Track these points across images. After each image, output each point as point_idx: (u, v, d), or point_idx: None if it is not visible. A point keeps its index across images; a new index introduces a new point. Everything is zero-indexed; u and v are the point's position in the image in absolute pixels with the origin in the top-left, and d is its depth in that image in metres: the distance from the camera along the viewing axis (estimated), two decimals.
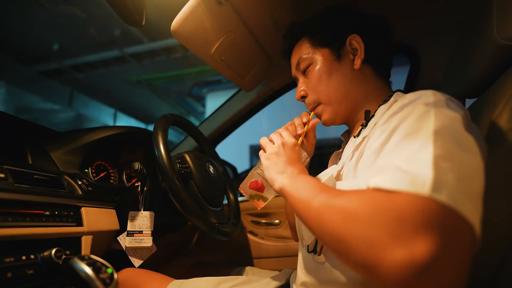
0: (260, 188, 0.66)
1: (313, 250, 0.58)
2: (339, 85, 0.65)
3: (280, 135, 0.63)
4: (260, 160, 0.63)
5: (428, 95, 0.44)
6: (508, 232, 0.39)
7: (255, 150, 6.74)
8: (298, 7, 0.88)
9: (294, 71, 0.73)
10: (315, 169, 0.83)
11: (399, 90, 0.64)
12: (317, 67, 0.67)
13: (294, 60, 0.72)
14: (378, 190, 0.36)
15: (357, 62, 0.64)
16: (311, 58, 0.68)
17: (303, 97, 0.71)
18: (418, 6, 0.90)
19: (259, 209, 0.67)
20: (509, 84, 0.47)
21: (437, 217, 0.32)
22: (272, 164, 0.58)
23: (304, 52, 0.69)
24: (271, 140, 0.63)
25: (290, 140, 0.61)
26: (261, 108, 1.33)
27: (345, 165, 0.58)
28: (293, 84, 1.24)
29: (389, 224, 0.32)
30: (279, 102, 1.33)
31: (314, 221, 0.41)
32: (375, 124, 0.55)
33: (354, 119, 0.67)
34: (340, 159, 0.68)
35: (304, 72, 0.70)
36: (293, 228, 0.84)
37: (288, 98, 1.36)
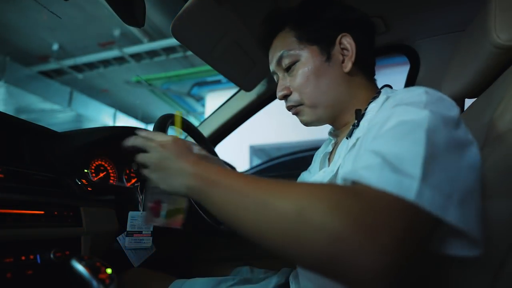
0: (160, 207, 0.55)
1: None
2: (328, 88, 0.60)
3: (151, 140, 0.52)
4: (148, 182, 0.52)
5: (420, 92, 0.43)
6: (509, 233, 0.39)
7: (255, 150, 6.74)
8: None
9: (274, 66, 0.66)
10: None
11: (386, 86, 0.62)
12: (304, 66, 0.60)
13: (275, 53, 0.64)
14: (359, 183, 0.34)
15: (348, 65, 0.59)
16: (297, 54, 0.61)
17: (285, 96, 0.64)
18: (418, 6, 0.90)
19: (180, 227, 0.56)
20: (509, 84, 0.47)
21: (416, 221, 0.31)
22: (163, 171, 0.47)
23: (289, 46, 0.62)
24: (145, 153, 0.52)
25: (166, 138, 0.51)
26: (261, 108, 1.33)
27: (341, 167, 0.55)
28: None
29: (365, 221, 0.30)
30: (279, 102, 1.33)
31: (253, 216, 0.35)
32: (367, 123, 0.53)
33: (342, 121, 0.64)
34: (331, 160, 0.66)
35: (287, 69, 0.63)
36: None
37: None
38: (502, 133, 0.43)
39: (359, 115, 0.58)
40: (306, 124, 0.66)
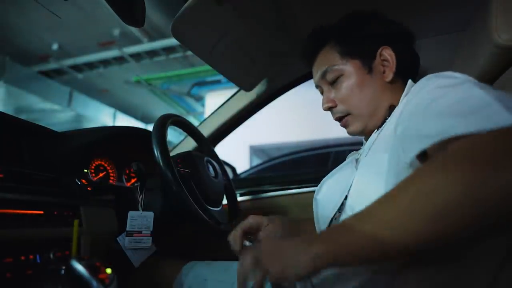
0: None
1: None
2: (372, 98, 0.64)
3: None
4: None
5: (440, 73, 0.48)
6: (509, 233, 0.39)
7: (255, 150, 6.74)
8: (299, 7, 0.88)
9: (318, 80, 0.70)
10: (317, 168, 0.83)
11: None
12: (348, 80, 0.64)
13: (319, 69, 0.68)
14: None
15: (389, 75, 0.63)
16: (341, 69, 0.65)
17: (330, 108, 0.68)
18: (418, 6, 0.90)
19: None
20: (510, 84, 0.47)
21: None
22: (281, 257, 0.37)
23: (333, 62, 0.66)
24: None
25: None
26: (261, 108, 1.33)
27: (368, 153, 0.57)
28: (293, 83, 1.24)
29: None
30: (279, 102, 1.33)
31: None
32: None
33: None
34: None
35: (331, 83, 0.67)
36: None
37: (287, 98, 1.36)
38: None
39: (392, 109, 0.61)
40: (353, 134, 0.68)
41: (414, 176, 0.36)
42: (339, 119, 0.68)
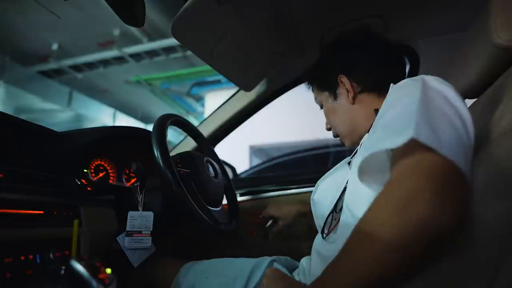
0: None
1: (322, 232, 0.62)
2: (345, 119, 0.74)
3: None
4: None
5: (417, 77, 0.50)
6: (506, 235, 0.39)
7: (254, 151, 6.74)
8: (299, 7, 0.88)
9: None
10: (317, 168, 0.83)
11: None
12: (325, 108, 0.79)
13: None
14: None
15: (351, 99, 0.71)
16: (319, 100, 0.81)
17: (329, 129, 0.82)
18: (418, 6, 0.90)
19: None
20: (510, 85, 0.47)
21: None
22: None
23: (315, 95, 0.83)
24: None
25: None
26: (261, 108, 1.33)
27: (359, 153, 0.61)
28: (293, 84, 1.25)
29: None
30: (279, 102, 1.33)
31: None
32: None
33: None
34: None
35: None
36: None
37: (287, 98, 1.36)
38: (503, 134, 0.43)
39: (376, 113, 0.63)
40: (347, 147, 0.80)
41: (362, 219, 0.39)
42: (336, 136, 0.81)
